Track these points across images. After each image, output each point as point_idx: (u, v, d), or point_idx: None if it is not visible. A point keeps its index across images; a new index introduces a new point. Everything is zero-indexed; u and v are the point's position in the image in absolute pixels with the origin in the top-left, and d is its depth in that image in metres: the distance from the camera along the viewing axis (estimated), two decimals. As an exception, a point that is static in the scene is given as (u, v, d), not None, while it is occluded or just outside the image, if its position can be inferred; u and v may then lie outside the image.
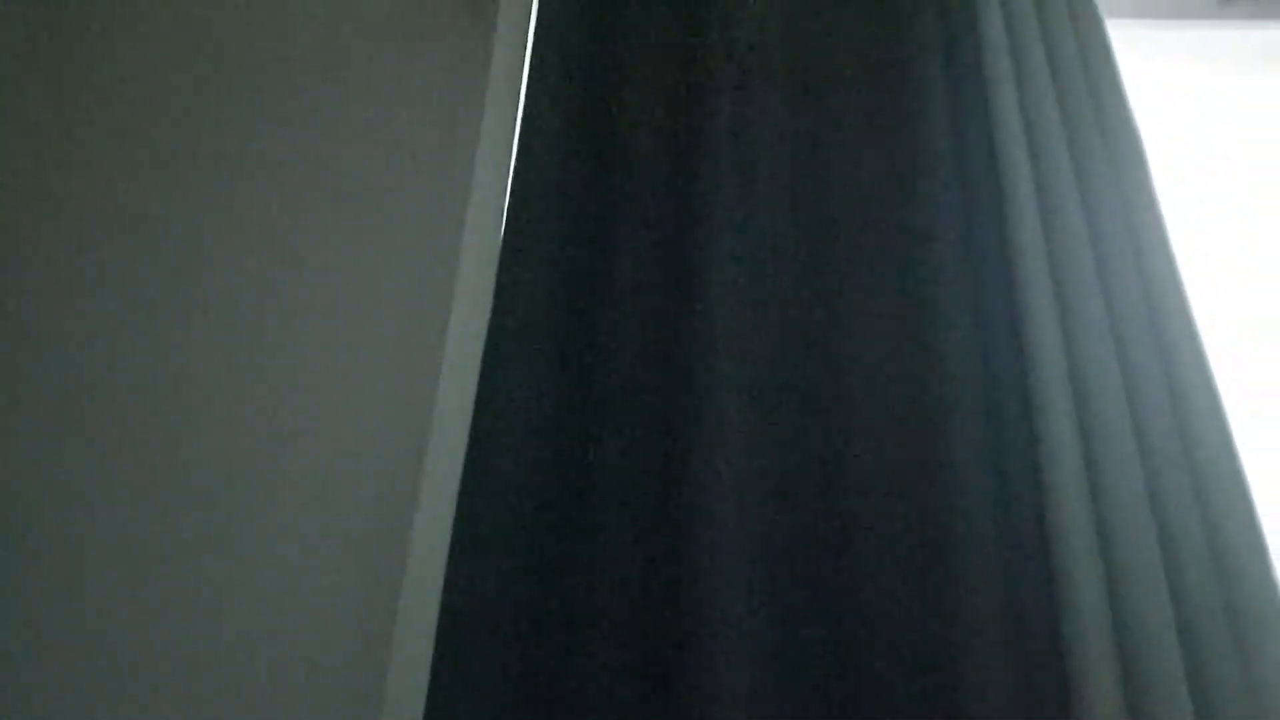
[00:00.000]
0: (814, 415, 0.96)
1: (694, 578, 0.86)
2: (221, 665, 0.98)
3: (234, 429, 1.08)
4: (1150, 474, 0.91)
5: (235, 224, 1.20)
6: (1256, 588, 0.87)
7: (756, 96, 1.12)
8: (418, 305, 1.14)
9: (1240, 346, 1.15)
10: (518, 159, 1.10)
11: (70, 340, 1.13)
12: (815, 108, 1.13)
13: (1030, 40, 1.11)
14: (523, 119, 1.13)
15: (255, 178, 1.23)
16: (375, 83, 1.29)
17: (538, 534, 0.92)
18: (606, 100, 1.14)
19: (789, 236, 1.06)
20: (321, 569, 1.02)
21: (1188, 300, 0.99)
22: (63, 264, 1.17)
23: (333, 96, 1.28)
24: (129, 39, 1.31)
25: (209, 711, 0.97)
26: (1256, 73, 1.34)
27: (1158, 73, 1.32)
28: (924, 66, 1.10)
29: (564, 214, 1.07)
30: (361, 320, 1.14)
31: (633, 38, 1.18)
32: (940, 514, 0.88)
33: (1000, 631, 0.83)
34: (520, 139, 1.12)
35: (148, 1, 1.34)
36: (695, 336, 0.97)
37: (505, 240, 1.05)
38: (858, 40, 1.17)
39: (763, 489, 0.92)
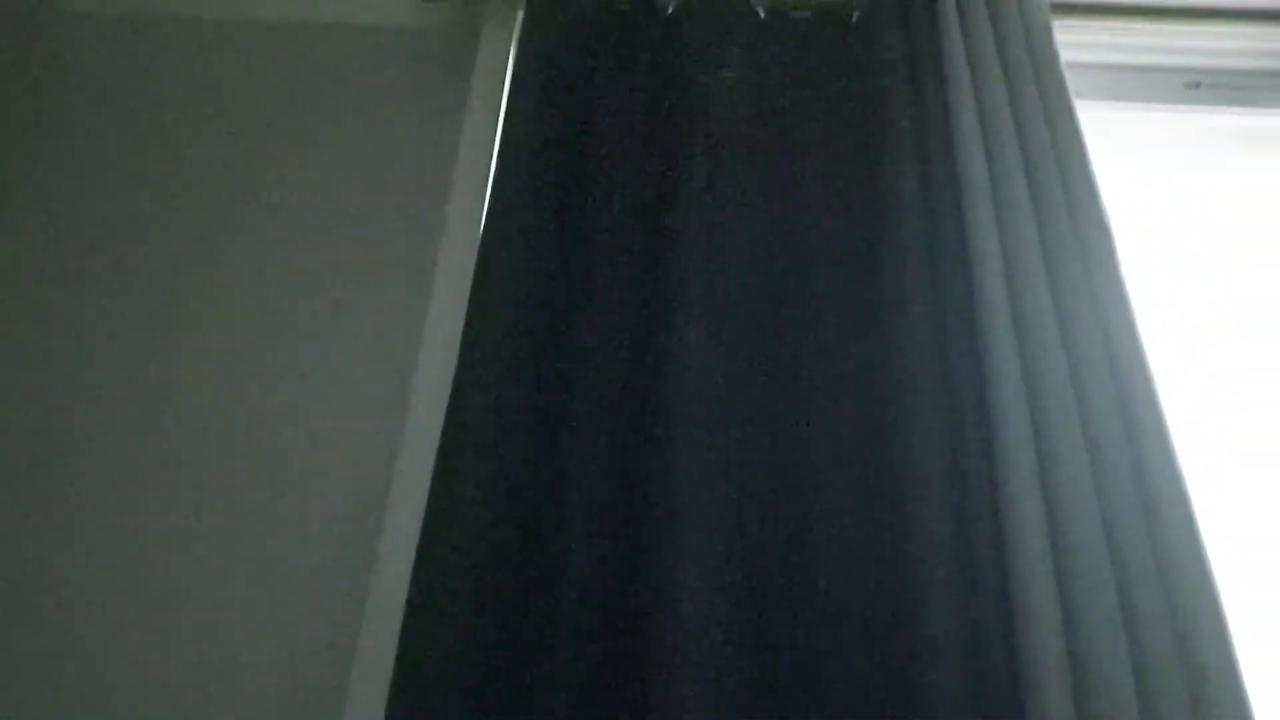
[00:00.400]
0: (779, 472, 0.97)
1: (657, 592, 0.87)
2: (187, 663, 1.01)
3: (219, 434, 1.13)
4: (1113, 547, 0.91)
5: (224, 260, 1.24)
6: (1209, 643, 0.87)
7: (728, 170, 1.12)
8: (392, 337, 1.17)
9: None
10: (487, 219, 1.09)
11: (75, 355, 1.18)
12: (786, 184, 1.14)
13: (1001, 122, 1.13)
14: (495, 172, 1.12)
15: (252, 213, 1.26)
16: (353, 148, 1.31)
17: (501, 552, 0.92)
18: (577, 172, 1.14)
19: (758, 314, 1.06)
20: (289, 578, 1.05)
21: (1153, 380, 0.98)
22: (76, 296, 1.22)
23: (320, 146, 1.31)
24: (138, 97, 1.36)
25: (172, 707, 0.99)
26: (1225, 155, 1.36)
27: (1126, 154, 1.33)
28: (895, 148, 1.11)
29: (531, 276, 1.06)
30: (340, 354, 1.18)
31: (606, 104, 1.19)
32: (906, 584, 0.89)
33: (957, 648, 0.85)
34: (492, 194, 1.11)
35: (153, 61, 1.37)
36: (662, 407, 0.96)
37: (473, 295, 1.04)
38: (830, 119, 1.18)
39: (726, 514, 0.93)
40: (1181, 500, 0.92)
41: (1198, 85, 1.37)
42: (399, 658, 0.86)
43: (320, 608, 1.03)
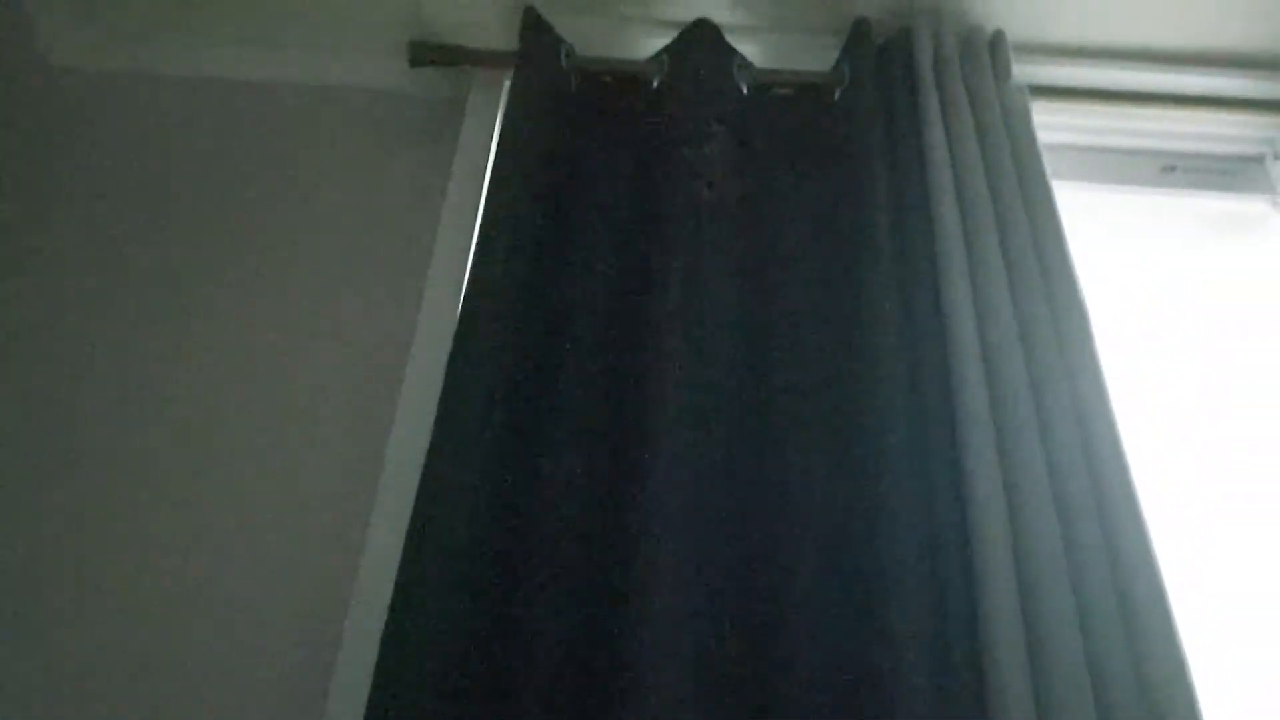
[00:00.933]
0: (751, 568, 0.97)
1: (631, 627, 0.88)
2: (167, 660, 1.03)
3: (208, 459, 1.15)
4: (1087, 629, 0.90)
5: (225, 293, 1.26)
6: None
7: (709, 241, 1.13)
8: (372, 393, 1.18)
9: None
10: (470, 280, 1.09)
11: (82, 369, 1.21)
12: (765, 258, 1.15)
13: (979, 202, 1.14)
14: (479, 235, 1.12)
15: (237, 269, 1.27)
16: (338, 207, 1.33)
17: (482, 566, 0.94)
18: (559, 235, 1.15)
19: (736, 383, 1.06)
20: (274, 591, 1.07)
21: (1126, 459, 0.98)
22: (59, 349, 1.23)
23: (304, 205, 1.32)
24: (125, 151, 1.37)
25: (153, 704, 1.01)
26: (1201, 237, 1.37)
27: (1105, 234, 1.35)
28: (873, 225, 1.12)
29: (512, 340, 1.06)
30: (322, 400, 1.19)
31: (590, 172, 1.21)
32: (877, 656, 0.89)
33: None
34: (475, 257, 1.11)
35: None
36: (639, 466, 0.96)
37: (453, 352, 1.04)
38: (810, 195, 1.20)
39: (699, 552, 0.94)
40: (1155, 581, 0.92)
41: (1174, 169, 1.39)
42: (377, 672, 0.87)
43: (302, 618, 1.05)
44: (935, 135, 1.19)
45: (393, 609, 0.89)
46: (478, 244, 1.11)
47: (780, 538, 0.97)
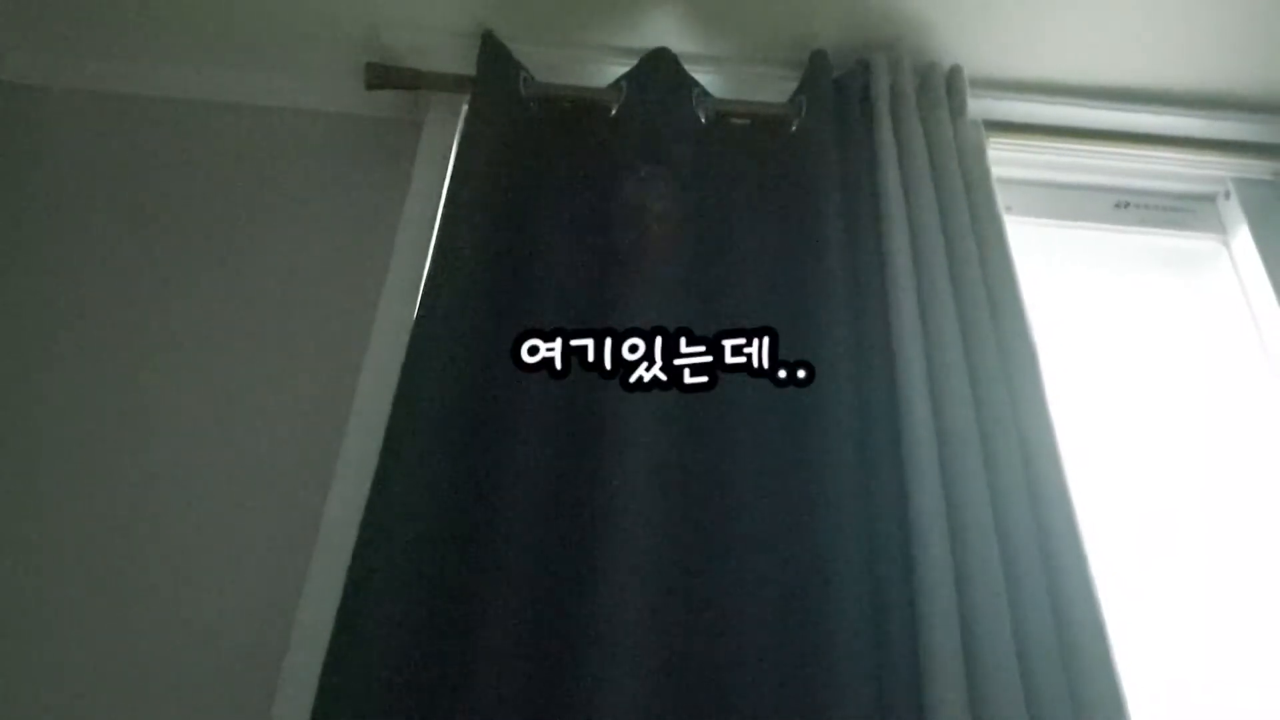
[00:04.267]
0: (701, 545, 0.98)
1: (585, 635, 0.89)
2: (116, 654, 1.03)
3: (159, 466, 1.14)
4: (1027, 671, 0.90)
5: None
6: None
7: (662, 266, 1.13)
8: (321, 417, 1.16)
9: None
10: (422, 304, 1.09)
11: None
12: (718, 284, 1.15)
13: (931, 238, 1.14)
14: (432, 258, 1.12)
15: (191, 287, 1.26)
16: (292, 227, 1.32)
17: (433, 570, 0.94)
18: (512, 257, 1.14)
19: (689, 404, 1.05)
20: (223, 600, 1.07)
21: (1071, 500, 0.99)
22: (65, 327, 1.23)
23: (258, 224, 1.31)
24: (81, 169, 1.35)
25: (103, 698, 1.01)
26: (1151, 273, 1.39)
27: (1055, 268, 1.35)
28: (825, 257, 1.12)
29: (463, 362, 1.05)
30: (271, 423, 1.18)
31: (545, 196, 1.21)
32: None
33: None
34: (427, 280, 1.10)
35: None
36: (593, 474, 0.98)
37: (404, 371, 1.03)
38: (764, 225, 1.20)
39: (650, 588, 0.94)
40: (1095, 616, 0.93)
41: (1126, 205, 1.41)
42: (326, 668, 0.87)
43: (251, 618, 1.05)
44: (890, 168, 1.20)
45: (342, 608, 0.89)
46: (431, 267, 1.11)
47: (728, 547, 0.99)
